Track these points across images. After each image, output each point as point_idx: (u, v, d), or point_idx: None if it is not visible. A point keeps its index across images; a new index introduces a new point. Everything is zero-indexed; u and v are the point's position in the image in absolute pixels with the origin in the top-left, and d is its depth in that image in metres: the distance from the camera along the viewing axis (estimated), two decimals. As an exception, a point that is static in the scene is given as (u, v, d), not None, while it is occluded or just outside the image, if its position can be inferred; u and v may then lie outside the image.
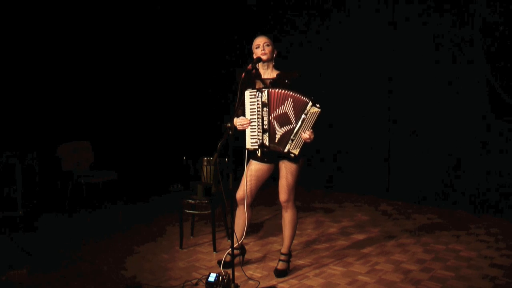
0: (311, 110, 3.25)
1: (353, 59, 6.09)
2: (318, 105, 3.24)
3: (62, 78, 5.58)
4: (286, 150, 3.33)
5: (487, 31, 4.98)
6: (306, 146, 3.31)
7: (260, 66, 3.46)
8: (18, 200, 4.96)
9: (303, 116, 3.27)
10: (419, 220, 5.05)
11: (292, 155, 3.32)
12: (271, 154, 3.45)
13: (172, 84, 6.61)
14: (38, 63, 5.37)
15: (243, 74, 3.28)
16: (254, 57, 3.43)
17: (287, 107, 3.30)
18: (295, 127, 3.29)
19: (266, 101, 3.33)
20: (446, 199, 5.44)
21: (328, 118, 6.35)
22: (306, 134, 3.26)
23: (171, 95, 6.58)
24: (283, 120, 3.32)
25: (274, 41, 3.48)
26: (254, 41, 3.45)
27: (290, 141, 3.31)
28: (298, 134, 3.29)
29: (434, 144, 5.48)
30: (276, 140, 3.35)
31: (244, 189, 3.52)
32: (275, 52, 3.46)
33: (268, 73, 3.48)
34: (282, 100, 3.30)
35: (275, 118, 3.34)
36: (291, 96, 3.28)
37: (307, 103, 3.26)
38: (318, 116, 3.25)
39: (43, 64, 5.41)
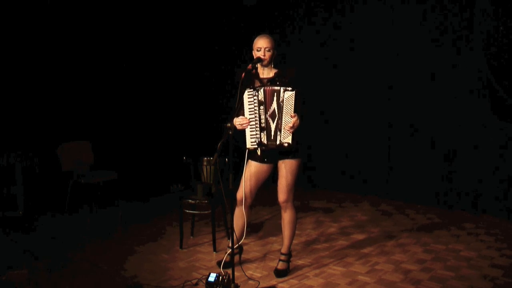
0: (285, 96, 3.28)
1: (353, 59, 6.08)
2: (289, 88, 3.26)
3: (62, 78, 5.57)
4: (278, 142, 3.33)
5: (487, 31, 4.98)
6: (297, 133, 3.31)
7: (259, 65, 3.46)
8: (18, 200, 4.96)
9: (281, 104, 3.30)
10: (419, 220, 5.05)
11: (286, 144, 3.32)
12: (271, 154, 3.45)
13: (172, 84, 6.60)
14: (38, 63, 5.36)
15: (243, 74, 3.28)
16: (254, 56, 3.43)
17: (275, 102, 3.33)
18: (280, 117, 3.31)
19: (263, 99, 3.34)
20: (446, 199, 5.44)
21: (329, 118, 6.37)
22: (290, 120, 3.26)
23: (171, 95, 6.57)
24: (274, 115, 3.34)
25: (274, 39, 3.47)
26: (256, 41, 3.42)
27: (279, 132, 3.33)
28: (283, 123, 3.30)
29: (434, 144, 5.47)
30: (272, 137, 3.36)
31: (244, 190, 3.52)
32: (275, 53, 3.45)
33: (266, 72, 3.48)
34: (272, 96, 3.32)
35: (270, 115, 3.35)
36: (276, 90, 3.31)
37: (279, 91, 3.29)
38: (295, 98, 3.25)
39: (43, 64, 5.40)
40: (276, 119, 3.33)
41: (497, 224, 4.81)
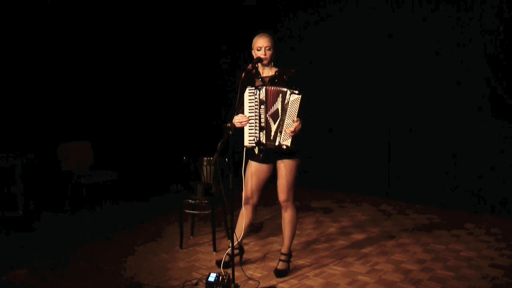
0: (291, 98, 3.26)
1: (352, 59, 6.08)
2: (296, 91, 3.24)
3: (62, 78, 5.58)
4: (277, 143, 3.33)
5: (487, 31, 4.98)
6: (297, 136, 3.29)
7: (259, 65, 3.45)
8: (18, 200, 4.96)
9: (285, 106, 3.28)
10: (419, 220, 5.05)
11: (284, 146, 3.31)
12: (270, 154, 3.45)
13: (172, 83, 6.61)
14: (38, 63, 5.37)
15: (243, 74, 3.28)
16: (254, 56, 3.42)
17: (279, 103, 3.31)
18: (282, 119, 3.30)
19: (264, 98, 3.33)
20: (446, 199, 5.44)
21: (329, 117, 6.37)
22: (293, 124, 3.26)
23: (171, 94, 6.57)
24: (276, 116, 3.33)
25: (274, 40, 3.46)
26: (256, 40, 3.42)
27: (279, 134, 3.32)
28: (284, 125, 3.29)
29: (434, 144, 5.47)
30: (272, 137, 3.36)
31: (246, 190, 3.52)
32: (275, 52, 3.45)
33: (267, 71, 3.48)
34: (276, 97, 3.31)
35: (270, 115, 3.35)
36: (282, 92, 3.30)
37: (286, 92, 3.27)
38: (300, 102, 3.24)
39: (43, 64, 5.41)
40: (278, 120, 3.32)
41: (497, 224, 4.81)
